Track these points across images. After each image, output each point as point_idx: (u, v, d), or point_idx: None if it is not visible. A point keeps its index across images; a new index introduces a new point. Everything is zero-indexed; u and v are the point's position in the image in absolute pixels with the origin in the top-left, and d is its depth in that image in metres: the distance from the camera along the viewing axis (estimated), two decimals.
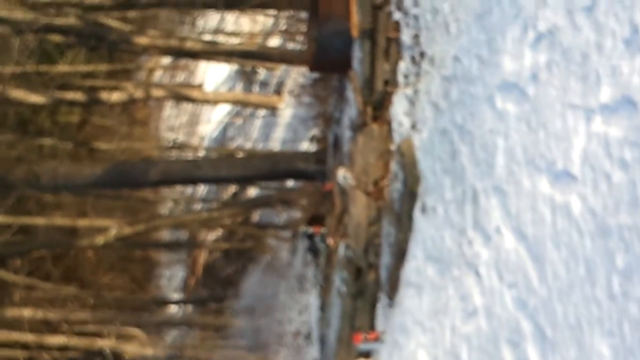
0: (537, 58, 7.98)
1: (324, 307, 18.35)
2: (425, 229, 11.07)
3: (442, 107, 10.91)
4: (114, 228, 21.70)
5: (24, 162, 21.28)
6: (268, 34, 28.39)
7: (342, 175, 14.93)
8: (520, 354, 7.84)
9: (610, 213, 6.44)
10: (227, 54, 22.53)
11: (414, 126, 12.01)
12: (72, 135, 26.61)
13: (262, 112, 29.95)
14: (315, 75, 19.83)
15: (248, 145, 31.24)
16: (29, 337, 22.22)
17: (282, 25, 26.93)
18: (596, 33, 6.89)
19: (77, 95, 21.46)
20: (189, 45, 21.10)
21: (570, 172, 7.11)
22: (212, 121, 35.21)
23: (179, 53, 23.26)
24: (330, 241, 17.19)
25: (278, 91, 27.61)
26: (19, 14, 18.15)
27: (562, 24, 7.51)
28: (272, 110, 26.86)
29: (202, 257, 33.16)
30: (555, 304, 7.20)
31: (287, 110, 26.30)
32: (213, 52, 21.89)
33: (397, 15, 13.30)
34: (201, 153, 31.93)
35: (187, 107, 34.28)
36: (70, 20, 18.90)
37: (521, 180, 8.13)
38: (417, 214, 11.44)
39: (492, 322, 8.62)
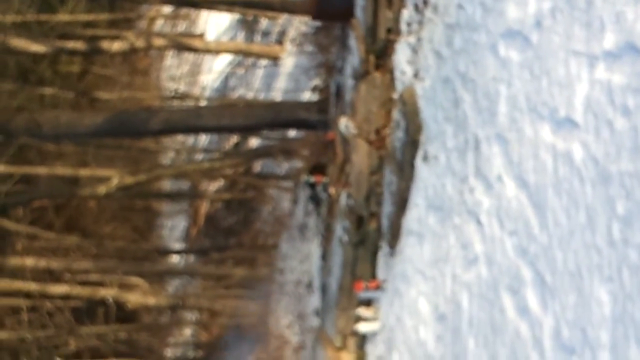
0: (541, 5, 7.91)
1: (325, 256, 18.46)
2: (427, 177, 11.08)
3: (445, 55, 10.85)
4: (115, 178, 21.73)
5: (25, 111, 21.24)
6: None
7: (344, 124, 14.91)
8: (520, 300, 7.90)
9: (611, 160, 6.44)
10: (228, 3, 22.37)
11: (416, 74, 11.96)
12: (73, 84, 26.53)
13: (264, 62, 29.81)
14: (318, 24, 19.70)
15: (250, 95, 31.15)
16: (31, 286, 22.37)
17: None
18: None
19: (78, 45, 21.35)
20: None
21: (573, 120, 7.09)
22: (213, 71, 35.07)
23: (181, 2, 23.16)
24: (332, 190, 17.24)
25: (280, 40, 27.46)
26: None
27: None
28: (274, 59, 26.69)
29: (204, 207, 33.26)
30: (556, 251, 7.23)
31: (289, 59, 26.17)
32: (215, 1, 21.74)
33: None
34: (203, 103, 31.84)
35: (189, 56, 34.12)
36: None
37: (523, 128, 8.12)
38: (418, 162, 11.44)
39: (493, 269, 8.66)
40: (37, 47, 19.70)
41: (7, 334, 23.02)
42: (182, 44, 23.56)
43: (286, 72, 27.76)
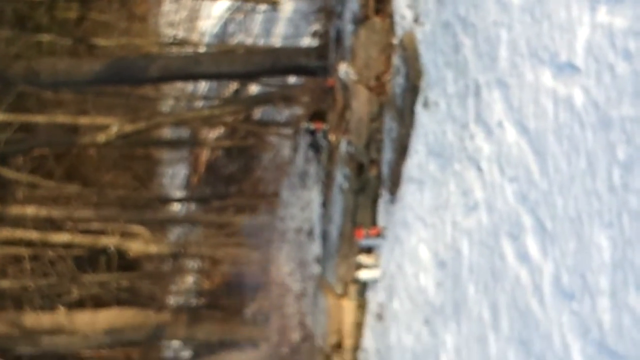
0: None
1: (326, 203, 18.42)
2: (428, 123, 11.01)
3: None
4: (115, 126, 21.63)
5: (23, 58, 21.06)
6: None
7: (344, 70, 14.78)
8: (519, 247, 7.88)
9: (612, 105, 6.37)
10: None
11: (416, 19, 11.82)
12: (70, 31, 26.26)
13: (263, 7, 29.50)
14: None
15: (249, 41, 30.89)
16: (33, 235, 22.38)
17: None
18: None
19: None
20: None
21: (574, 64, 7.00)
22: (212, 16, 34.74)
23: None
24: (332, 137, 17.14)
25: None
26: None
27: None
28: (273, 4, 26.43)
29: (204, 154, 33.19)
30: (556, 197, 7.19)
31: (288, 4, 25.90)
32: None
33: None
34: (201, 49, 31.59)
35: (187, 2, 33.78)
36: None
37: (524, 73, 8.03)
38: (419, 108, 11.36)
39: (493, 216, 8.63)
40: None
41: (10, 282, 23.09)
42: None
43: (285, 17, 27.49)
